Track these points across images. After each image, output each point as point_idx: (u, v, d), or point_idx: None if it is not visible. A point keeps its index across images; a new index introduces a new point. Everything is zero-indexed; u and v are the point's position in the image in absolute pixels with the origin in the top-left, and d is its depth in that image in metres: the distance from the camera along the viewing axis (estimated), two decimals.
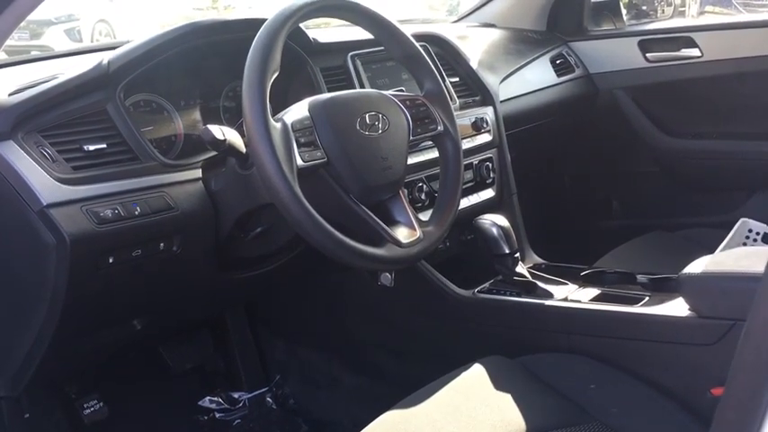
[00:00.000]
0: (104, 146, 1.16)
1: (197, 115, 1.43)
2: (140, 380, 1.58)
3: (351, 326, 1.66)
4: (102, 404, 1.37)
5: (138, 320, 1.30)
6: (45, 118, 1.12)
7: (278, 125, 1.07)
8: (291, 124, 1.09)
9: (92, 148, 1.14)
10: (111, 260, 1.12)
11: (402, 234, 1.17)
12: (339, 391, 1.69)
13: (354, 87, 1.55)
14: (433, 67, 1.30)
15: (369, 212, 1.15)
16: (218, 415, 1.71)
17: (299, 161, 1.07)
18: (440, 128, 1.28)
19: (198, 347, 1.68)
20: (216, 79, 1.46)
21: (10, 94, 1.14)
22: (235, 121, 1.48)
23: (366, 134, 1.15)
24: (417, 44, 1.28)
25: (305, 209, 1.04)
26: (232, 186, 1.22)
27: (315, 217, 1.05)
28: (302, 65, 1.49)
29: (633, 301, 1.32)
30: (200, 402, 1.71)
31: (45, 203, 1.05)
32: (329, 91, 1.51)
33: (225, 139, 1.11)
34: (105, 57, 1.21)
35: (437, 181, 1.53)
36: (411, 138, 1.24)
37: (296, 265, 1.40)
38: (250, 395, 1.75)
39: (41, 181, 1.06)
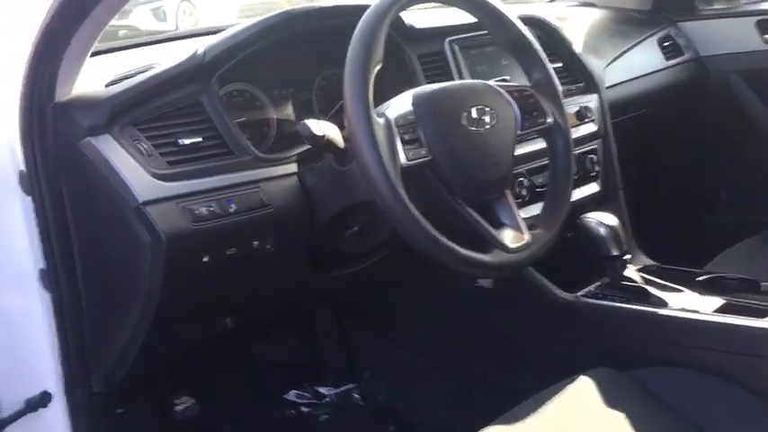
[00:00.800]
0: (200, 139, 1.12)
1: (289, 106, 1.38)
2: (228, 373, 1.56)
3: (444, 326, 1.58)
4: (193, 401, 1.35)
5: (231, 318, 1.27)
6: (141, 110, 1.08)
7: (381, 121, 1.00)
8: (395, 119, 1.01)
9: (187, 141, 1.10)
10: (206, 259, 1.08)
11: (509, 238, 1.08)
12: (429, 392, 1.63)
13: (452, 76, 1.46)
14: (543, 56, 1.20)
15: (475, 215, 1.06)
16: (304, 409, 1.68)
17: (403, 159, 0.99)
18: (549, 121, 1.18)
19: (285, 341, 1.65)
20: (308, 68, 1.40)
21: (106, 85, 1.11)
22: (328, 110, 1.42)
23: (473, 130, 1.07)
24: (527, 31, 1.19)
25: (409, 211, 0.97)
26: (329, 182, 1.16)
27: (419, 221, 0.98)
28: (399, 52, 1.41)
29: (762, 313, 1.20)
30: (286, 396, 1.68)
31: (141, 201, 1.02)
32: (427, 80, 1.43)
33: (323, 135, 1.05)
34: (200, 45, 1.16)
35: (539, 175, 1.43)
36: (519, 132, 1.15)
37: (392, 262, 1.33)
38: (337, 390, 1.71)
39: (137, 177, 1.03)
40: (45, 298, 1.10)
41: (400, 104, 1.05)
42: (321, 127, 1.05)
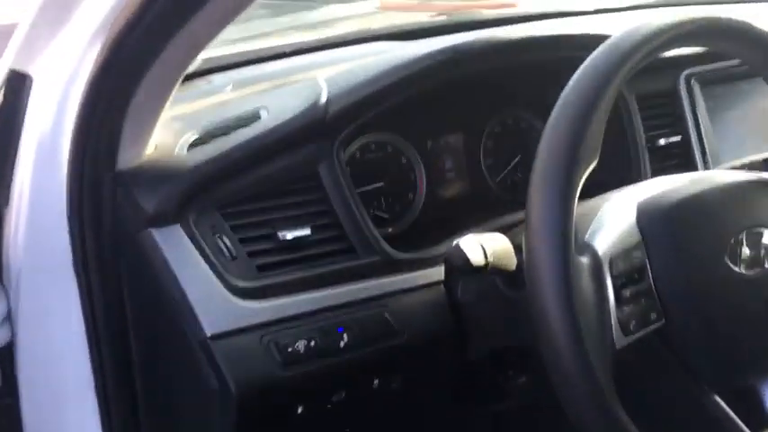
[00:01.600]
0: (308, 232, 0.77)
1: (447, 161, 1.01)
2: None
3: None
4: None
5: None
6: (231, 187, 0.76)
7: (585, 261, 0.60)
8: (610, 258, 0.61)
9: (290, 236, 0.76)
10: (300, 410, 0.74)
11: None
12: None
13: (688, 131, 1.02)
14: None
15: (728, 410, 0.64)
16: None
17: (618, 335, 0.59)
18: None
19: None
20: (477, 107, 1.02)
21: (190, 147, 0.79)
22: (500, 170, 1.03)
23: (741, 273, 0.64)
24: None
25: (613, 417, 0.57)
26: (491, 305, 0.78)
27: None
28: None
29: None
30: None
31: (209, 334, 0.69)
32: (647, 136, 1.00)
33: (487, 264, 0.67)
34: (321, 91, 0.81)
35: None
36: None
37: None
38: None
39: (210, 293, 0.70)
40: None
41: (617, 225, 0.64)
42: (482, 246, 0.67)
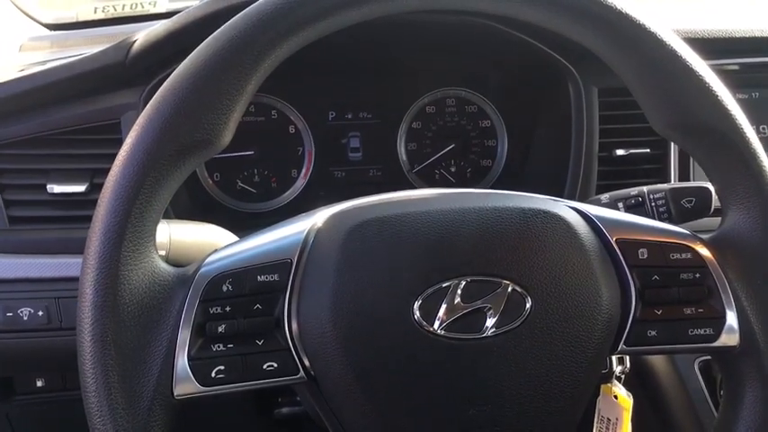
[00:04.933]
0: (82, 189, 0.68)
1: (350, 142, 0.85)
2: None
3: None
4: None
5: None
6: (7, 125, 0.69)
7: (163, 285, 0.42)
8: (210, 280, 0.42)
9: (58, 189, 0.67)
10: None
11: None
12: None
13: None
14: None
15: None
16: None
17: (188, 386, 0.42)
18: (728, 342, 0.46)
19: None
20: (400, 86, 0.84)
21: None
22: (425, 158, 0.85)
23: (439, 337, 0.43)
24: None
25: None
26: None
27: None
28: (558, 82, 0.77)
29: None
30: None
31: None
32: (603, 141, 0.76)
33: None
34: (133, 37, 0.70)
35: None
36: (619, 349, 0.46)
37: None
38: None
39: None
40: None
41: (266, 244, 0.45)
42: (170, 230, 0.53)
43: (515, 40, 0.76)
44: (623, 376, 0.62)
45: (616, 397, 0.61)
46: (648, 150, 0.76)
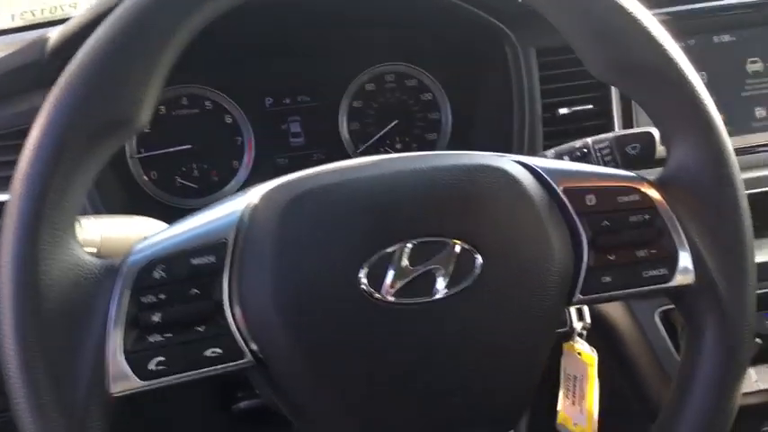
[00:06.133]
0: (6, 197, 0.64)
1: (290, 127, 0.83)
2: None
3: None
4: None
5: None
6: None
7: (89, 270, 0.39)
8: (141, 268, 0.40)
9: None
10: None
11: None
12: None
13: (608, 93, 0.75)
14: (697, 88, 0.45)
15: None
16: None
17: (123, 381, 0.39)
18: (684, 272, 0.45)
19: None
20: (336, 63, 0.82)
21: None
22: (369, 137, 0.84)
23: (390, 304, 0.41)
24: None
25: None
26: None
27: None
28: (496, 46, 0.75)
29: None
30: None
31: None
32: (545, 102, 0.75)
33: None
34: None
35: None
36: (575, 299, 0.45)
37: None
38: None
39: None
40: None
41: (202, 224, 0.42)
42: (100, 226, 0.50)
43: (448, 7, 0.74)
44: (585, 332, 0.62)
45: (580, 354, 0.60)
46: (592, 106, 0.75)
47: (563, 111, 0.75)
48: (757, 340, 0.72)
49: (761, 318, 0.71)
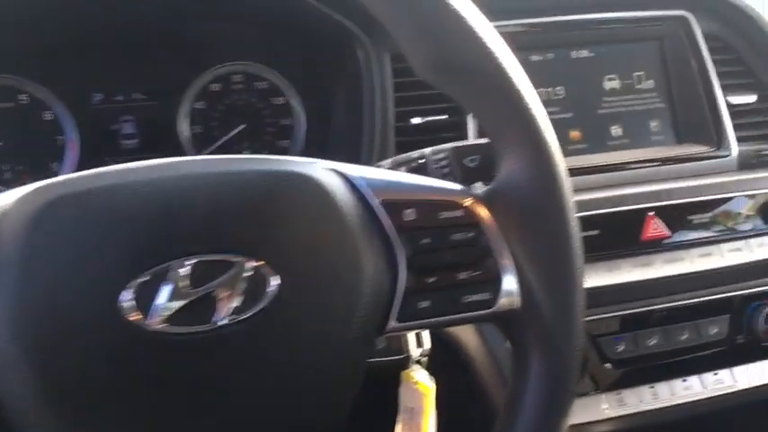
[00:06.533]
0: None
1: (122, 128, 0.74)
2: None
3: None
4: None
5: None
6: None
7: None
8: None
9: None
10: None
11: None
12: None
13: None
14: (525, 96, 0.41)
15: None
16: None
17: None
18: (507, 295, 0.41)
19: None
20: (174, 61, 0.75)
21: None
22: (212, 143, 0.76)
23: (158, 333, 0.35)
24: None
25: None
26: None
27: None
28: (350, 50, 0.71)
29: None
30: None
31: None
32: (397, 111, 0.71)
33: None
34: None
35: None
36: (389, 326, 0.40)
37: None
38: None
39: None
40: None
41: None
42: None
43: (302, 6, 0.69)
44: (424, 359, 0.57)
45: (416, 384, 0.55)
46: (447, 117, 0.71)
47: (416, 120, 0.71)
48: (607, 365, 0.70)
49: (611, 342, 0.69)
